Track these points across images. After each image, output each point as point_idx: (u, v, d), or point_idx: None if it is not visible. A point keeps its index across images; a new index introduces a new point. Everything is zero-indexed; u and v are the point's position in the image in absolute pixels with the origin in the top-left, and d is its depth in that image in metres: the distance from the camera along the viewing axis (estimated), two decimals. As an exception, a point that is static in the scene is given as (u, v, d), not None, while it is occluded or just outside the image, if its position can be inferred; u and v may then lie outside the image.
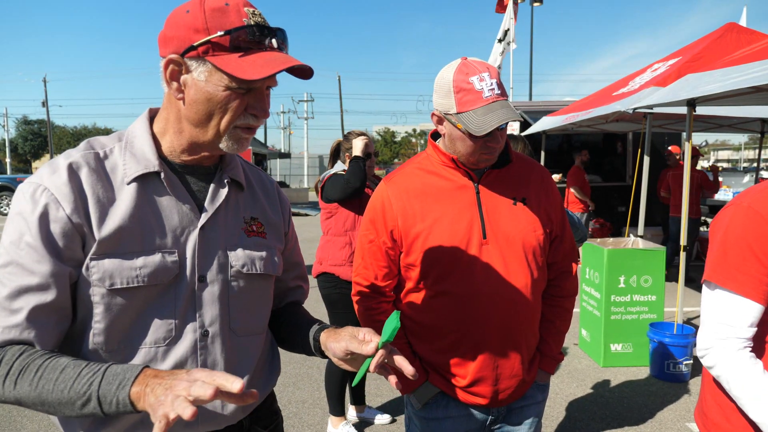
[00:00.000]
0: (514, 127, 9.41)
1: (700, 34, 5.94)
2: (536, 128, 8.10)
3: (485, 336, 1.46)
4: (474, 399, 1.52)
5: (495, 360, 1.48)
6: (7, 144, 45.48)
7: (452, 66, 1.40)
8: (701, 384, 1.36)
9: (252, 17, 0.98)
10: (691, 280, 7.12)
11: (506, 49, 11.45)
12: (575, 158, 8.24)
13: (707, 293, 1.23)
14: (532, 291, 1.49)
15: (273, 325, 1.31)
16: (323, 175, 3.08)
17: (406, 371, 0.97)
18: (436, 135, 1.57)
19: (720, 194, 10.64)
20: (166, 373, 0.84)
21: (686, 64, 4.87)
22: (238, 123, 1.02)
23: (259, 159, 21.70)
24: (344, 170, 2.98)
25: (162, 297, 1.03)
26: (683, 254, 4.10)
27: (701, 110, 5.57)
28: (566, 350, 4.74)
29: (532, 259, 1.49)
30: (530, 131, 8.33)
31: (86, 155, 1.01)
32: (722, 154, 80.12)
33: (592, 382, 4.07)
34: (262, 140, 34.01)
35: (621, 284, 4.31)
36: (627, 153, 9.85)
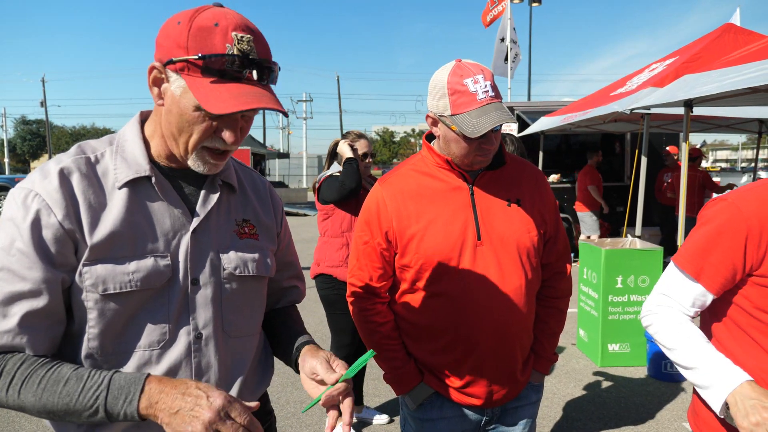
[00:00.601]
0: (513, 128, 9.42)
1: (700, 34, 5.93)
2: (534, 128, 8.11)
3: (480, 337, 1.47)
4: (468, 399, 1.53)
5: (489, 361, 1.49)
6: (6, 144, 45.44)
7: (446, 68, 1.40)
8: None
9: (238, 44, 0.94)
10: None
11: (513, 55, 11.50)
12: (588, 158, 8.12)
13: (668, 271, 1.31)
14: (527, 292, 1.49)
15: (266, 328, 1.31)
16: (320, 177, 3.09)
17: (344, 420, 1.01)
18: (431, 137, 1.58)
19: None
20: (173, 387, 0.88)
21: (684, 65, 4.88)
22: (207, 144, 1.01)
23: (258, 159, 21.70)
24: (339, 172, 2.99)
25: (155, 301, 1.03)
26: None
27: (699, 111, 5.58)
28: (564, 350, 4.75)
29: (527, 260, 1.49)
30: (528, 131, 8.33)
31: (77, 160, 1.01)
32: (721, 154, 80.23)
33: (590, 382, 4.08)
34: (261, 140, 34.03)
35: (618, 284, 4.32)
36: (625, 153, 9.86)
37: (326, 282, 3.03)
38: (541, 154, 8.61)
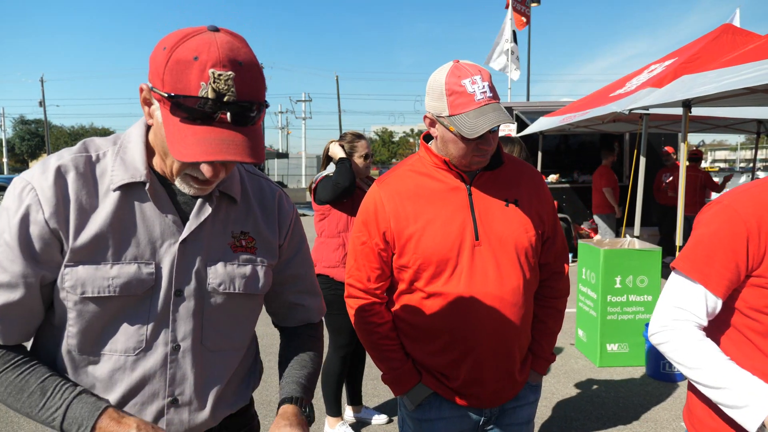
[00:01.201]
0: (511, 128, 9.42)
1: (700, 34, 5.94)
2: (533, 129, 8.12)
3: (478, 337, 1.47)
4: (466, 400, 1.53)
5: (487, 361, 1.49)
6: (4, 144, 45.39)
7: (444, 69, 1.40)
8: (687, 383, 1.38)
9: (214, 83, 0.86)
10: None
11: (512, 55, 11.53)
12: (603, 159, 7.80)
13: (672, 279, 1.29)
14: (525, 292, 1.49)
15: (280, 347, 1.29)
16: (315, 177, 3.10)
17: None
18: (429, 137, 1.58)
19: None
20: (120, 425, 0.94)
21: (682, 65, 4.89)
22: (188, 172, 0.99)
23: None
24: None
25: (136, 307, 1.02)
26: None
27: (698, 111, 5.59)
28: (563, 350, 4.75)
29: (525, 260, 1.49)
30: (527, 132, 8.34)
31: (77, 158, 1.01)
32: (719, 155, 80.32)
33: (588, 382, 4.08)
34: (260, 140, 33.89)
35: (617, 284, 4.33)
36: (624, 153, 9.87)
37: (323, 282, 3.03)
38: (540, 155, 8.62)
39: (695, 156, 8.17)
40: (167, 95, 0.88)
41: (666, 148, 8.33)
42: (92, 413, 0.94)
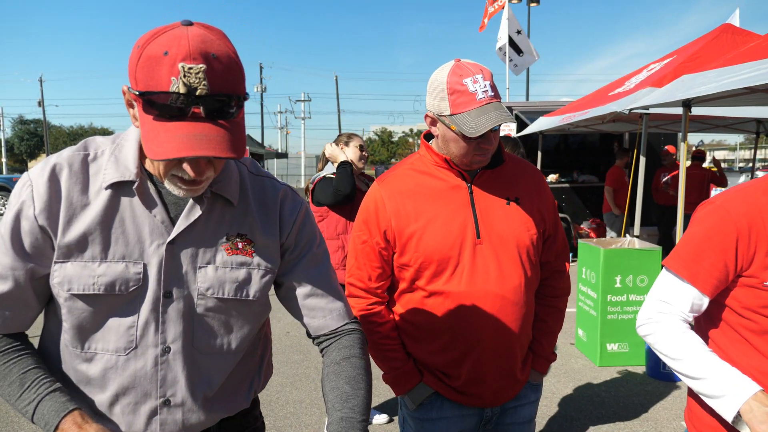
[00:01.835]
0: (511, 128, 9.43)
1: (699, 34, 5.95)
2: (533, 128, 8.12)
3: (479, 336, 1.47)
4: (468, 399, 1.53)
5: (489, 360, 1.49)
6: (3, 144, 45.30)
7: (446, 68, 1.40)
8: None
9: (184, 76, 0.83)
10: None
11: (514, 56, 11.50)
12: (617, 158, 7.71)
13: (662, 276, 1.31)
14: (526, 291, 1.49)
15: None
16: (313, 178, 3.09)
17: None
18: (429, 136, 1.58)
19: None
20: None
21: (682, 65, 4.89)
22: (173, 172, 0.96)
23: (256, 159, 21.66)
24: (334, 173, 2.99)
25: (125, 307, 1.02)
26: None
27: (697, 111, 5.59)
28: (563, 349, 4.75)
29: (526, 259, 1.49)
30: (527, 131, 8.34)
31: (74, 156, 1.02)
32: (719, 154, 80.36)
33: (589, 382, 4.08)
34: (259, 140, 34.05)
35: (617, 284, 4.33)
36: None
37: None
38: (540, 155, 8.62)
39: (699, 155, 8.17)
40: (138, 93, 0.86)
41: (667, 147, 8.33)
42: (58, 413, 0.95)
